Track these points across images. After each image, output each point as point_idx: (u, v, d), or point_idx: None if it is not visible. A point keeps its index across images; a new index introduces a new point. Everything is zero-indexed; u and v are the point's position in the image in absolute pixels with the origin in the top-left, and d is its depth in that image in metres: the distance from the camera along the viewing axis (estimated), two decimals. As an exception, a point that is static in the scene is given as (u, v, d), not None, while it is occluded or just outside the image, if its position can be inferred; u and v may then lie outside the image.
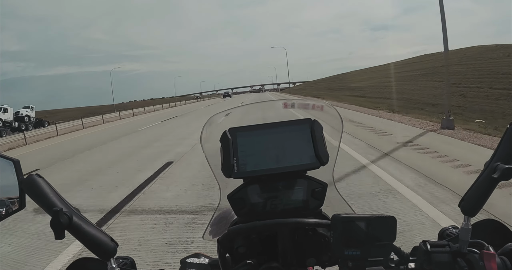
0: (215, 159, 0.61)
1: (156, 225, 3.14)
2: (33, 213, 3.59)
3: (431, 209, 2.90)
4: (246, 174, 0.58)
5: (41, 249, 2.87)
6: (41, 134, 17.29)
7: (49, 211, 0.45)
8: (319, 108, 0.66)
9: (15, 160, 0.49)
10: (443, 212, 2.79)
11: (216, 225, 0.65)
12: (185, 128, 11.73)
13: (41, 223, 3.40)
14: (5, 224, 3.16)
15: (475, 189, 0.49)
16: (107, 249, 0.47)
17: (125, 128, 14.92)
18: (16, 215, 0.50)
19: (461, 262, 0.48)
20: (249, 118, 0.72)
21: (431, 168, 4.18)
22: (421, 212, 2.85)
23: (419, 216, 2.78)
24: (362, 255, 0.46)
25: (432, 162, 4.52)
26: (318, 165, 0.58)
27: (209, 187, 4.09)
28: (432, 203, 3.03)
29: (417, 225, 2.62)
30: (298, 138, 0.60)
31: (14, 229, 3.33)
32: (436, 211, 2.85)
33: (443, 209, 2.85)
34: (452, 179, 3.72)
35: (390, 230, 0.46)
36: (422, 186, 3.54)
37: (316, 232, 0.63)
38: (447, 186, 3.47)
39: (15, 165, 0.48)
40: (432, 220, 2.67)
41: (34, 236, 3.14)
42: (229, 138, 0.59)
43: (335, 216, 0.47)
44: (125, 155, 7.28)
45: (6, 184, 0.48)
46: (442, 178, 3.73)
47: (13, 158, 0.49)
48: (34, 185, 0.47)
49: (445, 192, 3.31)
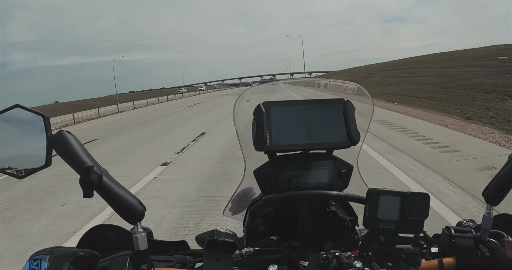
0: (245, 134, 0.61)
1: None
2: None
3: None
4: (279, 148, 0.58)
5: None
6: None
7: (78, 168, 0.43)
8: (351, 91, 0.66)
9: (45, 115, 0.47)
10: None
11: (237, 202, 0.65)
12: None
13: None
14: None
15: (499, 179, 0.50)
16: (135, 212, 0.45)
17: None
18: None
19: (483, 248, 0.49)
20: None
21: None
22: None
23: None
24: (395, 229, 0.46)
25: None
26: (349, 144, 0.58)
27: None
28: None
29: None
30: (331, 117, 0.60)
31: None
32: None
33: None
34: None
35: (423, 206, 0.46)
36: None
37: (336, 215, 0.62)
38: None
39: (45, 120, 0.47)
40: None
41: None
42: (263, 111, 0.59)
43: (371, 190, 0.48)
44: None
45: (34, 139, 0.47)
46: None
47: (43, 113, 0.47)
48: (63, 142, 0.45)
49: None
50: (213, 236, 0.44)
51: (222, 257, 0.44)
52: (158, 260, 0.49)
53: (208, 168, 4.49)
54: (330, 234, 0.62)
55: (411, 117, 8.51)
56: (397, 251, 0.46)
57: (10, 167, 0.47)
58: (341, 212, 0.64)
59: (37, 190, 4.03)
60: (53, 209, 3.39)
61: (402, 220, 0.45)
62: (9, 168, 0.47)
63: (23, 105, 0.48)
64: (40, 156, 0.47)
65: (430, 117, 8.32)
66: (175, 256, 0.51)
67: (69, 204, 3.45)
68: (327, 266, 0.48)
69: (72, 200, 3.52)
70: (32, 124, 0.47)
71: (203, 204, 3.21)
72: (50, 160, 0.47)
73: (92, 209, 3.16)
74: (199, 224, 2.76)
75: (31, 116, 0.47)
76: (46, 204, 3.54)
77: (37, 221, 3.09)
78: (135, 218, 0.46)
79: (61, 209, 3.37)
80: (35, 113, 0.47)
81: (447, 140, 5.32)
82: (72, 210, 3.29)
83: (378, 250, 0.47)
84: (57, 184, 4.14)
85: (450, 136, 5.75)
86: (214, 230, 0.45)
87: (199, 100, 26.58)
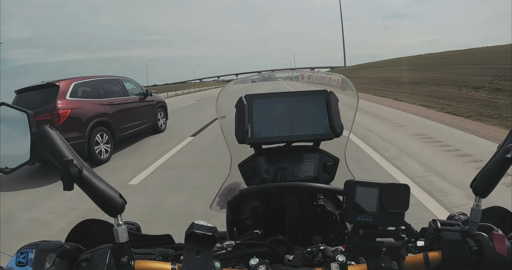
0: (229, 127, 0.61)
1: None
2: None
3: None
4: (260, 141, 0.57)
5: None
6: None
7: (59, 162, 0.45)
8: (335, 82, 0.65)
9: (29, 112, 0.48)
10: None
11: (225, 197, 0.65)
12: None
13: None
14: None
15: (488, 170, 0.48)
16: (114, 205, 0.46)
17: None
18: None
19: (470, 241, 0.47)
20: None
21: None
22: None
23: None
24: (374, 222, 0.45)
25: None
26: (332, 136, 0.57)
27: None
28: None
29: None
30: (314, 109, 0.59)
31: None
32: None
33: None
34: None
35: (403, 198, 0.45)
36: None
37: (324, 209, 0.62)
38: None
39: (29, 117, 0.48)
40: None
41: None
42: (245, 104, 0.59)
43: (348, 181, 0.47)
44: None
45: (18, 136, 0.48)
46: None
47: (27, 110, 0.49)
48: (45, 137, 0.46)
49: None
50: (192, 229, 0.44)
51: (202, 250, 0.44)
52: (140, 253, 0.49)
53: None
54: (319, 228, 0.61)
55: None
56: (378, 244, 0.45)
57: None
58: (330, 206, 0.63)
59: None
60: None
61: (380, 212, 0.44)
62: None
63: (8, 103, 0.49)
64: (25, 151, 0.48)
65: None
66: (157, 249, 0.52)
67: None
68: (311, 260, 0.48)
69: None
70: (18, 121, 0.49)
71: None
72: (34, 156, 0.48)
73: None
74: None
75: (16, 113, 0.49)
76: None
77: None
78: (115, 211, 0.46)
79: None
80: (20, 110, 0.49)
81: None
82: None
83: (358, 243, 0.46)
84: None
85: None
86: (193, 222, 0.45)
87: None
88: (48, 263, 0.43)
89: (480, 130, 5.63)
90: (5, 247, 2.26)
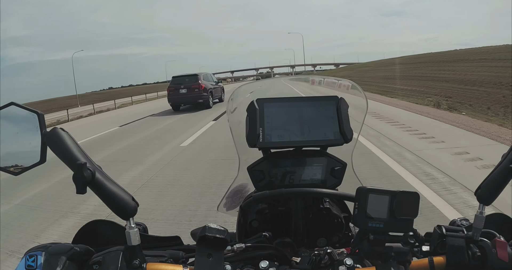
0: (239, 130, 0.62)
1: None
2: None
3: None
4: (271, 145, 0.58)
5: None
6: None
7: (71, 165, 0.44)
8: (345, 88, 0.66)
9: (39, 113, 0.47)
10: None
11: (231, 198, 0.66)
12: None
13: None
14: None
15: (492, 178, 0.49)
16: (127, 208, 0.46)
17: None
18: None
19: (473, 247, 0.49)
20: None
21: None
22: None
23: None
24: (384, 228, 0.46)
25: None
26: (342, 142, 0.58)
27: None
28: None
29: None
30: (324, 114, 0.60)
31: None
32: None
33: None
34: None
35: (412, 206, 0.46)
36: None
37: (330, 212, 0.63)
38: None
39: (39, 117, 0.47)
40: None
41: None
42: (256, 108, 0.59)
43: (360, 188, 0.48)
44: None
45: (29, 137, 0.48)
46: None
47: (37, 111, 0.48)
48: (57, 139, 0.46)
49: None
50: (205, 232, 0.44)
51: (214, 253, 0.44)
52: (151, 255, 0.49)
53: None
54: (324, 231, 0.62)
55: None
56: (387, 249, 0.46)
57: (6, 164, 0.48)
58: (335, 209, 0.64)
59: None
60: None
61: (391, 219, 0.45)
62: (5, 165, 0.48)
63: (18, 103, 0.49)
64: (35, 153, 0.48)
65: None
66: (168, 251, 0.52)
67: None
68: (318, 263, 0.48)
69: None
70: (27, 122, 0.48)
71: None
72: (45, 157, 0.48)
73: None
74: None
75: (26, 114, 0.48)
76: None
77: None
78: (127, 214, 0.46)
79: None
80: (30, 111, 0.48)
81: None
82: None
83: (367, 248, 0.47)
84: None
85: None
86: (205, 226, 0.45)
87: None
88: (59, 267, 0.43)
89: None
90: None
